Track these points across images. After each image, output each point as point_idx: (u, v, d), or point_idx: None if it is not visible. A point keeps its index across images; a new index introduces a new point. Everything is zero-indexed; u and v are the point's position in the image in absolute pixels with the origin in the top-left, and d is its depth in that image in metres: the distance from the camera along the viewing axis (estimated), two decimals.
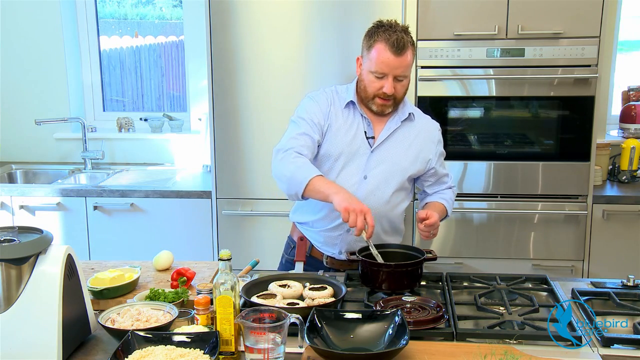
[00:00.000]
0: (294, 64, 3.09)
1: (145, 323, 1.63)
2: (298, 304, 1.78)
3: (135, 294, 1.89)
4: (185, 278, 1.96)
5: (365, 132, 2.22)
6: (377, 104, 2.18)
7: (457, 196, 3.09)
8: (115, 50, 4.10)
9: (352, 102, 2.23)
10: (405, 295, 1.84)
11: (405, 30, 2.14)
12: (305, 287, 1.89)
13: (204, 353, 1.47)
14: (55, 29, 3.86)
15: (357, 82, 2.24)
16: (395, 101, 2.19)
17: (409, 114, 2.25)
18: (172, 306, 1.71)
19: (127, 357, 1.45)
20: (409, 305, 1.77)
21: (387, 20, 2.15)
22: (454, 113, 3.13)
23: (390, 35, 2.09)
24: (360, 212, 1.90)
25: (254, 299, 1.78)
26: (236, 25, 3.07)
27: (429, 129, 2.31)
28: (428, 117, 2.37)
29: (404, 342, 1.49)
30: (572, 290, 1.93)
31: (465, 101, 3.10)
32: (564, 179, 3.08)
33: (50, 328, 1.50)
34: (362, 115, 2.23)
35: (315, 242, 2.28)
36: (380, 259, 1.99)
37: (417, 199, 2.47)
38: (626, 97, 3.67)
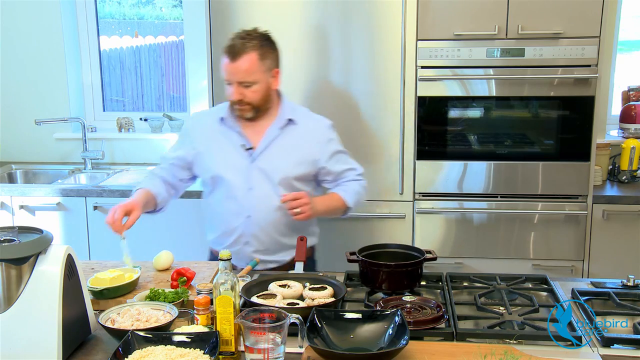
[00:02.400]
0: (293, 64, 3.09)
1: (145, 323, 1.63)
2: (298, 304, 1.78)
3: (135, 294, 1.89)
4: (185, 278, 1.96)
5: (243, 145, 2.26)
6: (236, 110, 2.25)
7: (457, 196, 3.12)
8: (115, 50, 4.10)
9: (225, 119, 2.30)
10: (405, 295, 1.84)
11: (255, 37, 2.18)
12: (305, 287, 1.89)
13: (204, 353, 1.47)
14: (55, 29, 3.86)
15: None
16: (252, 106, 2.23)
17: (288, 120, 2.28)
18: (172, 306, 1.71)
19: (127, 357, 1.45)
20: (409, 305, 1.77)
21: (250, 29, 2.24)
22: (454, 113, 3.13)
23: (228, 42, 2.17)
24: (116, 208, 2.08)
25: (254, 299, 1.78)
26: (236, 25, 3.06)
27: (315, 129, 2.33)
28: (318, 117, 2.39)
29: (404, 342, 1.49)
30: (572, 290, 1.93)
31: (465, 101, 3.10)
32: (564, 179, 3.08)
33: (50, 328, 1.50)
34: (236, 130, 2.28)
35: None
36: (129, 259, 2.08)
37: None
38: (626, 97, 3.67)
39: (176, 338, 1.53)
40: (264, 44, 2.20)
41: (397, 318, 1.61)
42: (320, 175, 2.35)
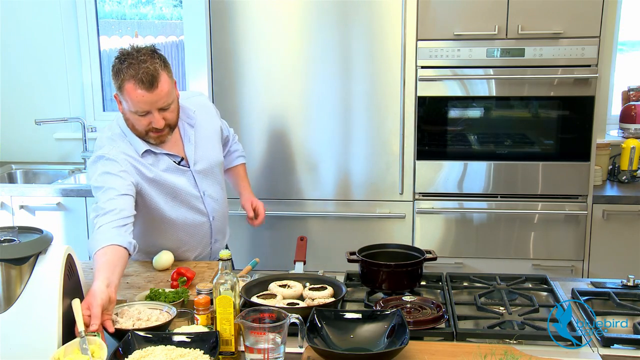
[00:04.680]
0: (294, 64, 3.09)
1: (147, 322, 1.63)
2: (298, 304, 1.78)
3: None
4: (185, 278, 1.96)
5: (174, 161, 2.18)
6: (153, 138, 2.09)
7: (457, 196, 3.13)
8: (115, 50, 4.10)
9: (149, 151, 2.11)
10: (405, 295, 1.84)
11: (152, 55, 1.98)
12: (306, 287, 1.89)
13: (204, 353, 1.47)
14: (55, 29, 3.86)
15: (124, 119, 2.09)
16: (170, 128, 2.10)
17: (191, 115, 2.24)
18: (171, 306, 1.71)
19: (127, 357, 1.45)
20: (409, 305, 1.77)
21: (131, 48, 2.00)
22: (454, 113, 3.13)
23: (137, 71, 1.94)
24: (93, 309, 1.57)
25: (254, 299, 1.78)
26: (236, 25, 3.07)
27: (204, 107, 2.35)
28: (192, 94, 2.43)
29: (404, 342, 1.49)
30: (572, 290, 1.93)
31: (465, 101, 3.10)
32: (564, 179, 3.08)
33: (50, 328, 1.50)
34: (161, 152, 2.15)
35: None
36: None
37: None
38: (626, 97, 3.67)
39: (176, 338, 1.53)
40: (162, 57, 2.03)
41: (397, 318, 1.61)
42: (225, 147, 2.49)
